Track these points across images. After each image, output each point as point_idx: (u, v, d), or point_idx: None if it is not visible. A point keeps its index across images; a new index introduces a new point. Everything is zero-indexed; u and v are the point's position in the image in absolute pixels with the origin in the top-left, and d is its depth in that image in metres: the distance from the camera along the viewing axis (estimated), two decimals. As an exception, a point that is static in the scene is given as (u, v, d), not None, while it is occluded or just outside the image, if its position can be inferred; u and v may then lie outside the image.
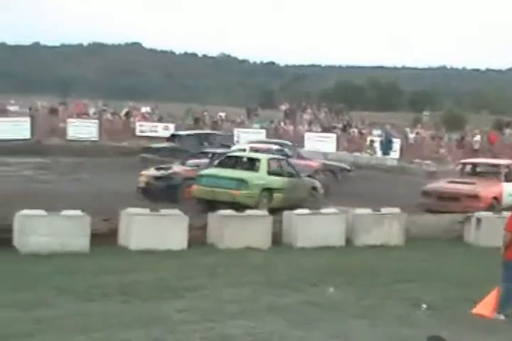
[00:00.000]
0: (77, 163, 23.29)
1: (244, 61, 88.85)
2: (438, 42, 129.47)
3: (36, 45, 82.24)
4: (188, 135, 25.61)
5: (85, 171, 21.48)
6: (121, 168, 21.59)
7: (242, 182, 14.83)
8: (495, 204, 16.03)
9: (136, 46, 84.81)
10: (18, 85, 58.42)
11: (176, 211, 11.61)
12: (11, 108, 34.30)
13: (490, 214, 13.88)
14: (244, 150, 19.18)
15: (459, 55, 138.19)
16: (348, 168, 21.66)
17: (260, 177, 15.30)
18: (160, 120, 32.86)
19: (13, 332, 6.45)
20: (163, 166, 17.58)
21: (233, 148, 21.06)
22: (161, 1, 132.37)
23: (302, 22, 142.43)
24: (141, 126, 31.45)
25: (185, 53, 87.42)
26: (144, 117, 33.57)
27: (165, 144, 24.65)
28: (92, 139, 29.43)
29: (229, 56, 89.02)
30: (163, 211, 11.49)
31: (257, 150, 18.87)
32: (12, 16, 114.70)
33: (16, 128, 28.75)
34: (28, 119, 29.91)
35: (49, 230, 10.41)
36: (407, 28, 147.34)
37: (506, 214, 10.92)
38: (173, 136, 25.74)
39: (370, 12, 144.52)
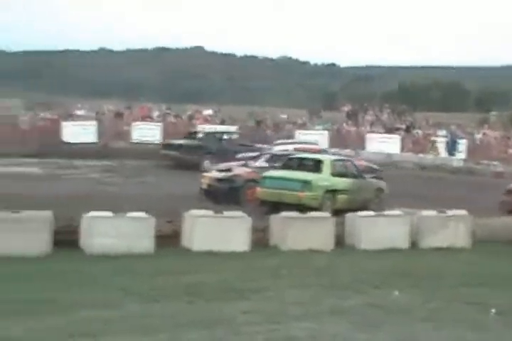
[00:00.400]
0: (142, 166, 23.67)
1: (305, 63, 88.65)
2: (504, 41, 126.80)
3: (102, 51, 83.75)
4: (207, 132, 25.91)
5: (150, 174, 21.80)
6: (184, 170, 21.86)
7: (306, 184, 14.81)
8: None
9: (198, 50, 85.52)
10: (84, 90, 59.60)
11: (238, 213, 11.66)
12: (78, 112, 34.96)
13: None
14: (286, 150, 19.37)
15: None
16: (378, 168, 21.41)
17: (324, 178, 15.25)
18: (222, 123, 33.05)
19: (80, 332, 6.56)
20: (224, 168, 17.68)
21: (276, 148, 21.06)
22: (221, 5, 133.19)
23: (361, 24, 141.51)
24: (204, 128, 31.68)
25: (246, 56, 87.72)
26: (206, 120, 33.82)
27: (184, 141, 24.65)
28: (156, 142, 29.79)
29: (290, 58, 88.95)
30: (226, 213, 11.54)
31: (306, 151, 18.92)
32: (79, 22, 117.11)
33: (83, 131, 29.38)
34: (94, 123, 30.51)
35: (115, 232, 10.57)
36: (472, 27, 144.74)
37: None
38: (191, 133, 26.05)
39: (433, 12, 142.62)
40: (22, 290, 8.06)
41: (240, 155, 21.72)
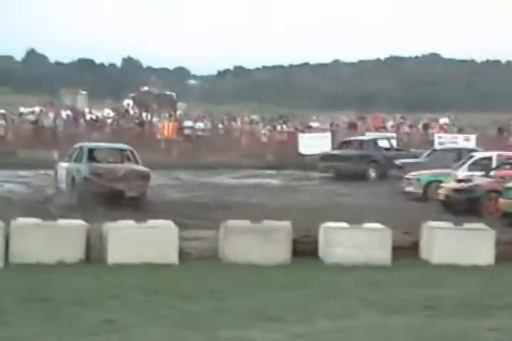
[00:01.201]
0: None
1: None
2: None
3: (336, 63, 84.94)
4: (367, 140, 24.93)
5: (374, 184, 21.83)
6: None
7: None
8: None
9: (434, 57, 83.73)
10: (319, 102, 60.80)
11: (480, 225, 11.19)
12: (313, 124, 35.75)
13: None
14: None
15: None
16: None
17: None
18: (460, 131, 32.06)
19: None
20: (464, 178, 17.14)
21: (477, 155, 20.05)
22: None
23: None
24: (439, 137, 30.94)
25: (487, 61, 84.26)
26: (443, 129, 33.01)
27: (346, 151, 24.24)
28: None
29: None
30: (466, 225, 11.12)
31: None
32: (313, 36, 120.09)
33: (318, 143, 29.94)
34: (329, 135, 30.98)
35: (352, 242, 10.60)
36: None
37: None
38: (345, 142, 25.37)
39: None
40: (266, 298, 8.29)
41: (398, 162, 21.49)
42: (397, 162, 22.35)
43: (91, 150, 17.89)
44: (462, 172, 18.48)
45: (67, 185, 17.26)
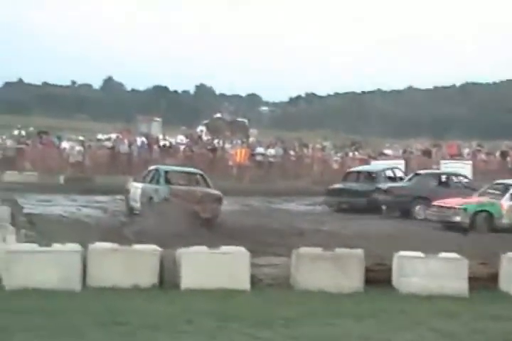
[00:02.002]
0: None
1: None
2: None
3: (409, 89, 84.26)
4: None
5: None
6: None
7: None
8: None
9: (510, 83, 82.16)
10: (392, 129, 60.32)
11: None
12: (386, 151, 35.47)
13: None
14: None
15: None
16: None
17: None
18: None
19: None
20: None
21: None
22: None
23: None
24: (517, 165, 30.29)
25: None
26: (521, 156, 32.29)
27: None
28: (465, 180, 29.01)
29: None
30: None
31: None
32: (384, 64, 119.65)
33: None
34: (402, 162, 30.66)
35: (427, 272, 10.40)
36: None
37: None
38: (349, 173, 25.03)
39: None
40: (338, 326, 8.21)
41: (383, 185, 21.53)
42: (383, 186, 21.93)
43: (166, 173, 18.97)
44: (505, 202, 18.44)
45: (143, 205, 18.05)
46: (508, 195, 18.65)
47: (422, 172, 23.59)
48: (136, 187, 19.04)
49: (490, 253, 11.47)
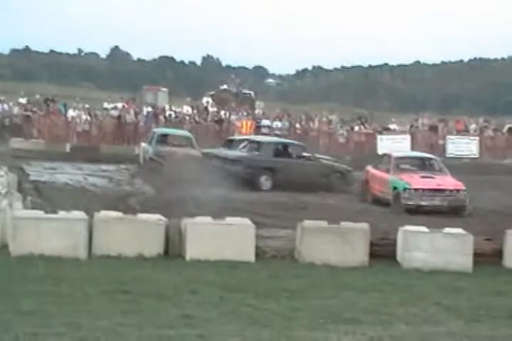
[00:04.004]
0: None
1: None
2: None
3: (417, 64, 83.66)
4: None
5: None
6: (504, 186, 20.93)
7: None
8: None
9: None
10: (399, 104, 60.08)
11: None
12: (392, 126, 35.33)
13: None
14: None
15: None
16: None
17: None
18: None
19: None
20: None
21: None
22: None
23: None
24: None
25: None
26: (528, 133, 32.15)
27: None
28: (472, 156, 28.96)
29: None
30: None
31: None
32: (396, 36, 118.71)
33: (397, 145, 29.56)
34: (408, 137, 30.58)
35: (431, 247, 10.41)
36: None
37: None
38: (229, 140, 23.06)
39: None
40: (342, 299, 8.24)
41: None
42: (231, 155, 20.24)
43: (160, 135, 23.40)
44: None
45: (143, 163, 22.86)
46: None
47: (267, 141, 21.70)
48: (142, 147, 23.78)
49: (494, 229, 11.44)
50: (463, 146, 30.27)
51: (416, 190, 16.42)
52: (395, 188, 16.84)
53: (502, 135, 32.03)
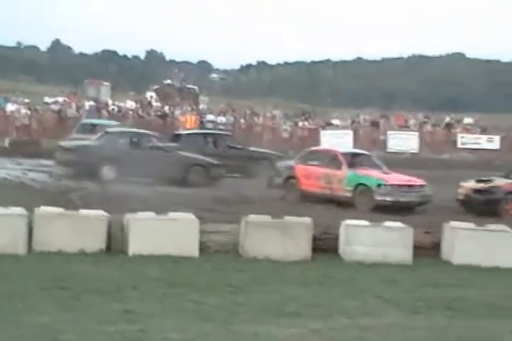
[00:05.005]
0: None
1: None
2: None
3: (359, 60, 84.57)
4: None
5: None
6: (442, 180, 21.27)
7: None
8: None
9: (457, 56, 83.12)
10: (341, 99, 60.61)
11: (502, 226, 11.10)
12: (335, 121, 35.67)
13: None
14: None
15: None
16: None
17: None
18: (483, 132, 31.87)
19: (339, 338, 6.59)
20: (484, 178, 17.00)
21: None
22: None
23: None
24: (462, 138, 30.81)
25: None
26: (466, 129, 32.82)
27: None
28: (412, 151, 29.43)
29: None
30: (488, 226, 11.03)
31: None
32: (336, 33, 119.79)
33: (339, 141, 29.84)
34: (350, 132, 30.92)
35: (371, 240, 10.54)
36: None
37: None
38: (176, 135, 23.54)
39: None
40: (284, 293, 8.28)
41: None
42: (65, 144, 20.55)
43: (86, 125, 24.54)
44: None
45: None
46: None
47: (111, 130, 21.22)
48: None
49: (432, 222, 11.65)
50: (403, 141, 30.72)
51: (392, 186, 16.21)
52: (359, 185, 16.38)
53: (441, 130, 32.65)
